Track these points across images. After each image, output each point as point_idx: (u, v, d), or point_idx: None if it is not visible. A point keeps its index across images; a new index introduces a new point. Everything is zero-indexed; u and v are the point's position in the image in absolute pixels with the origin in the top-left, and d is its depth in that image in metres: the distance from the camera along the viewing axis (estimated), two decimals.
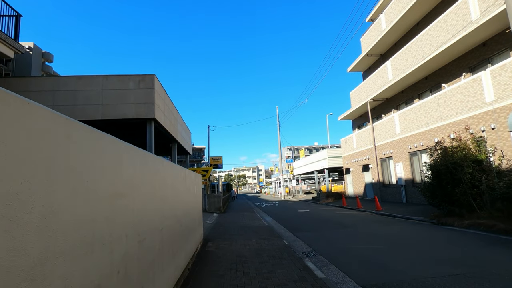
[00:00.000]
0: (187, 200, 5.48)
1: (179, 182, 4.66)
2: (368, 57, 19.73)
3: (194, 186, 6.62)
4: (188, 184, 5.60)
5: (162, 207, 3.41)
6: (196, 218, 6.61)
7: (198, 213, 7.00)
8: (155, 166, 3.24)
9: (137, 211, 2.53)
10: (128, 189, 2.34)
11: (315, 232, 9.18)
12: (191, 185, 6.02)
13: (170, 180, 3.96)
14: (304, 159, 34.70)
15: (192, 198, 6.16)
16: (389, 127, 16.57)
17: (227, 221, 13.05)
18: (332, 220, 11.88)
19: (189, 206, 5.72)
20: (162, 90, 13.16)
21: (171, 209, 3.92)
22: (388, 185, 17.33)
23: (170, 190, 3.90)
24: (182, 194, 4.91)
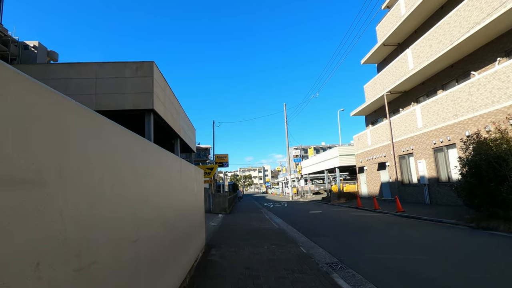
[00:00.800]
0: (184, 200, 4.34)
1: (170, 175, 3.52)
2: (384, 47, 18.37)
3: (194, 183, 5.48)
4: (184, 179, 4.46)
5: (137, 209, 2.26)
6: (196, 222, 5.46)
7: (198, 216, 5.86)
8: (126, 146, 2.12)
9: (71, 217, 1.38)
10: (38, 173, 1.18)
11: (334, 237, 7.96)
12: (189, 181, 4.88)
13: (156, 171, 2.82)
14: (313, 158, 33.39)
15: (191, 197, 5.02)
16: (409, 121, 15.22)
17: (233, 223, 11.90)
18: (349, 223, 10.63)
19: (187, 207, 4.58)
20: (162, 79, 12.08)
21: (156, 212, 2.77)
22: (407, 184, 15.96)
23: (154, 186, 2.75)
24: (175, 192, 3.77)
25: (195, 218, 5.40)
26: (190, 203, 4.91)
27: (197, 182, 5.82)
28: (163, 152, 3.21)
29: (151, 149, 2.68)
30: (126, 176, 2.08)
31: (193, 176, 5.42)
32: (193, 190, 5.37)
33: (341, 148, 23.95)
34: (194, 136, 22.19)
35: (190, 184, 5.00)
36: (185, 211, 4.41)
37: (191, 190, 5.06)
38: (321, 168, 28.66)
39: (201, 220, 6.30)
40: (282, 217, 14.23)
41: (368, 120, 22.37)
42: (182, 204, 4.19)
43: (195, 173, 5.64)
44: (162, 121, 12.23)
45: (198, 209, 5.84)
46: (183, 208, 4.25)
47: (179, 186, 4.09)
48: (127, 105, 10.56)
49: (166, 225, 3.19)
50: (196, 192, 5.65)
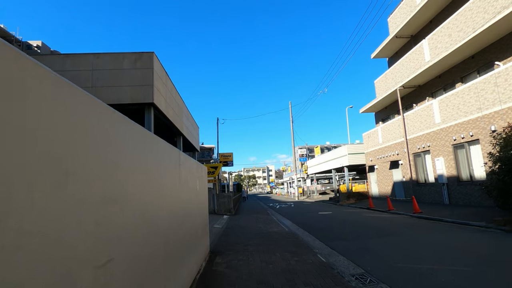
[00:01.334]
0: (183, 199, 3.57)
1: (165, 168, 2.76)
2: (397, 39, 17.46)
3: (196, 180, 4.72)
4: (184, 175, 3.70)
5: (105, 215, 1.50)
6: (199, 226, 4.70)
7: (201, 219, 5.09)
8: (109, 129, 1.37)
9: None
10: None
11: (352, 242, 7.15)
12: (190, 178, 4.12)
13: (141, 159, 2.06)
14: (319, 157, 32.49)
15: (192, 196, 4.26)
16: (425, 117, 14.32)
17: (239, 225, 11.13)
18: (365, 225, 9.79)
19: (187, 209, 3.82)
20: (163, 72, 11.36)
21: (140, 216, 2.01)
22: (423, 183, 15.05)
23: (138, 180, 1.99)
24: (172, 189, 3.00)
25: (197, 221, 4.63)
26: (191, 204, 4.15)
27: (200, 179, 5.06)
28: (152, 137, 2.44)
29: (130, 129, 1.90)
30: (81, 158, 1.30)
31: (195, 172, 4.66)
32: (195, 188, 4.60)
33: (350, 147, 23.05)
34: (198, 134, 21.49)
35: (191, 181, 4.24)
36: (185, 213, 3.65)
37: (192, 188, 4.30)
38: (328, 167, 27.77)
39: (205, 223, 5.53)
40: (290, 218, 13.43)
41: (378, 117, 21.46)
42: (181, 204, 3.43)
43: (197, 169, 4.88)
44: (163, 116, 11.52)
45: (201, 210, 5.08)
46: (182, 209, 3.50)
47: (178, 183, 3.33)
48: (125, 98, 9.87)
49: (159, 234, 2.43)
50: (198, 190, 4.89)
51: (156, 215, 2.37)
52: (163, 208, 2.61)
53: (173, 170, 3.14)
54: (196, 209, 4.57)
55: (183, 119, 15.42)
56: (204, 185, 5.66)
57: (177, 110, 13.88)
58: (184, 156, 3.75)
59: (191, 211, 4.09)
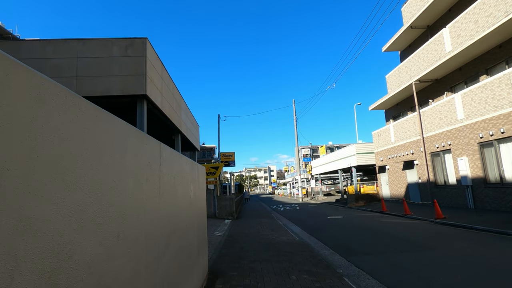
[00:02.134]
0: (168, 213, 2.41)
1: (132, 172, 1.60)
2: (411, 30, 16.25)
3: (190, 186, 3.55)
4: (168, 180, 2.54)
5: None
6: (193, 246, 3.53)
7: (197, 235, 3.91)
8: None
9: None
10: None
11: (380, 257, 5.97)
12: (180, 183, 2.96)
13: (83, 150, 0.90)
14: (324, 157, 31.26)
15: (183, 207, 3.09)
16: (445, 113, 13.10)
17: (242, 232, 9.96)
18: (387, 233, 8.59)
19: (174, 226, 2.65)
20: (158, 61, 10.20)
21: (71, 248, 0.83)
22: (442, 185, 13.83)
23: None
24: (144, 204, 1.84)
25: (190, 239, 3.46)
26: (181, 218, 2.98)
27: (195, 183, 3.88)
28: (104, 114, 1.28)
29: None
30: None
31: (188, 175, 3.48)
32: (188, 196, 3.44)
33: (358, 146, 21.83)
34: (198, 133, 20.31)
35: (182, 187, 3.07)
36: (171, 230, 2.49)
37: (183, 197, 3.13)
38: (335, 167, 26.54)
39: (202, 239, 4.35)
40: (298, 223, 12.24)
41: (389, 114, 20.25)
42: (163, 222, 2.27)
43: (191, 171, 3.70)
44: (159, 111, 10.36)
45: (196, 223, 3.91)
46: (165, 228, 2.33)
47: (157, 193, 2.16)
48: (115, 90, 8.73)
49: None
50: (193, 198, 3.72)
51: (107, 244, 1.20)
52: (125, 226, 1.44)
53: (146, 173, 1.97)
54: (189, 223, 3.40)
55: (182, 115, 14.26)
56: (201, 189, 4.48)
57: (175, 105, 12.72)
58: (168, 153, 2.58)
59: (180, 227, 2.92)
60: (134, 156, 1.78)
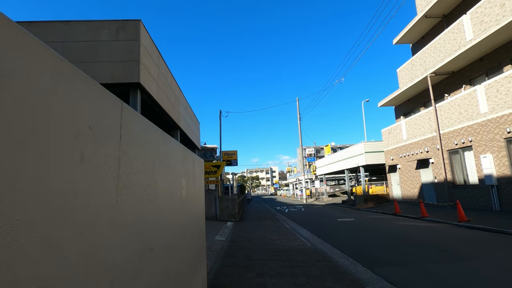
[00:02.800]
0: (149, 220, 1.45)
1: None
2: (426, 20, 15.25)
3: (181, 180, 2.60)
4: (147, 165, 1.59)
5: None
6: (184, 264, 2.56)
7: (192, 247, 2.94)
8: None
9: None
10: None
11: (412, 268, 5.00)
12: (166, 174, 2.01)
13: None
14: (330, 156, 30.24)
15: (173, 207, 2.13)
16: (465, 107, 12.09)
17: (246, 237, 8.99)
18: (410, 239, 7.60)
19: (161, 235, 1.71)
20: (153, 48, 9.28)
21: None
22: (462, 185, 12.81)
23: None
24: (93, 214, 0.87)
25: (181, 254, 2.50)
26: (169, 225, 2.04)
27: (187, 177, 2.92)
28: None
29: None
30: None
31: (178, 163, 2.53)
32: (178, 196, 2.48)
33: (367, 144, 20.81)
34: (199, 130, 19.37)
35: (167, 179, 2.12)
36: (149, 245, 1.55)
37: (169, 194, 2.18)
38: (341, 167, 25.51)
39: (198, 252, 3.38)
40: (307, 226, 11.26)
41: (399, 111, 19.23)
42: (129, 233, 1.32)
43: (183, 159, 2.75)
44: (154, 103, 9.42)
45: (190, 231, 2.95)
46: (140, 242, 1.39)
47: (112, 180, 1.22)
48: (104, 77, 7.80)
49: None
50: (185, 197, 2.76)
51: None
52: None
53: (81, 145, 1.02)
54: (179, 233, 2.44)
55: (181, 110, 13.34)
56: (197, 187, 3.53)
57: (173, 98, 11.80)
58: (138, 122, 1.62)
59: (164, 240, 1.97)
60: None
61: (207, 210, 15.18)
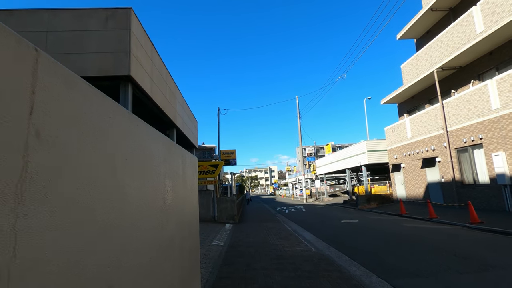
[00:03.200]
0: (114, 233, 0.84)
1: None
2: (431, 13, 14.69)
3: (164, 181, 2.00)
4: (101, 161, 0.98)
5: None
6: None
7: (181, 266, 2.34)
8: None
9: None
10: None
11: (432, 279, 4.43)
12: (135, 171, 1.41)
13: None
14: (330, 155, 29.68)
15: (150, 220, 1.52)
16: (475, 102, 11.55)
17: (246, 241, 8.39)
18: (422, 243, 7.02)
19: (129, 258, 1.09)
20: (146, 39, 8.67)
21: None
22: (471, 185, 12.27)
23: None
24: None
25: (162, 279, 1.91)
26: (143, 244, 1.45)
27: (174, 178, 2.32)
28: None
29: None
30: None
31: (159, 160, 1.93)
32: (160, 199, 1.89)
33: (369, 143, 20.26)
34: (196, 129, 18.75)
35: (143, 179, 1.53)
36: (108, 277, 0.95)
37: (150, 204, 1.59)
38: (342, 166, 24.95)
39: (188, 272, 2.78)
40: (309, 229, 10.68)
41: (403, 108, 18.68)
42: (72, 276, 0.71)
43: (166, 155, 2.15)
44: (148, 99, 8.81)
45: (178, 248, 2.37)
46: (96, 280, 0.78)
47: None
48: (92, 70, 7.21)
49: None
50: (171, 203, 2.17)
51: None
52: None
53: None
54: (158, 253, 1.84)
55: (177, 107, 12.73)
56: (190, 190, 2.94)
57: (169, 95, 11.19)
58: (93, 101, 1.02)
59: (132, 265, 1.38)
60: None
61: (205, 212, 14.58)
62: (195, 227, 3.14)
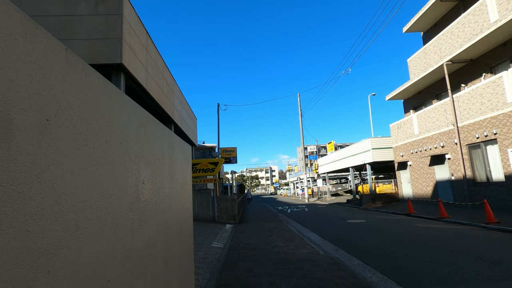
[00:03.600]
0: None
1: None
2: (441, 4, 14.07)
3: (139, 170, 1.43)
4: None
5: None
6: None
7: (164, 283, 1.76)
8: None
9: None
10: None
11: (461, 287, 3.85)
12: (101, 158, 0.83)
13: None
14: (333, 154, 29.08)
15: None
16: (488, 96, 10.96)
17: (248, 243, 7.82)
18: (440, 245, 6.43)
19: None
20: (140, 26, 8.11)
21: None
22: (484, 183, 11.68)
23: None
24: None
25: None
26: (99, 266, 0.88)
27: (155, 165, 1.74)
28: None
29: None
30: None
31: (133, 140, 1.35)
32: (131, 197, 1.31)
33: (374, 140, 19.66)
34: (196, 126, 18.18)
35: (109, 171, 0.96)
36: None
37: (111, 198, 1.01)
38: (345, 165, 24.35)
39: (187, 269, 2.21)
40: (314, 229, 10.12)
41: (409, 104, 18.08)
42: None
43: (141, 131, 1.57)
44: (143, 91, 8.26)
45: (161, 259, 1.79)
46: None
47: None
48: (81, 58, 6.59)
49: None
50: (147, 200, 1.60)
51: None
52: None
53: None
54: (134, 267, 1.27)
55: (175, 102, 12.16)
56: (180, 183, 2.37)
57: (165, 88, 10.63)
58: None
59: None
60: None
61: (204, 211, 14.00)
62: (188, 230, 2.57)
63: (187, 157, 2.73)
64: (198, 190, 14.22)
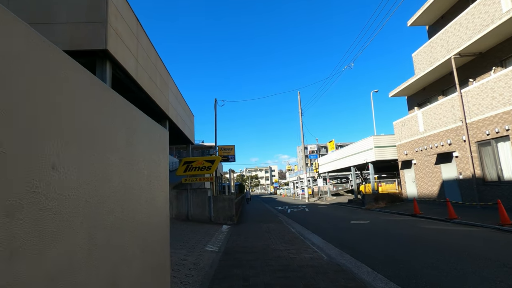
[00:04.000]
0: None
1: None
2: None
3: (45, 148, 0.82)
4: None
5: None
6: None
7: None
8: None
9: None
10: None
11: None
12: None
13: None
14: (334, 153, 28.48)
15: None
16: (500, 90, 10.37)
17: (245, 246, 7.21)
18: (455, 249, 5.84)
19: None
20: (128, 10, 7.49)
21: None
22: (495, 182, 11.09)
23: None
24: None
25: None
26: None
27: (96, 146, 1.13)
28: None
29: None
30: None
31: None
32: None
33: (376, 138, 19.07)
34: (193, 124, 17.52)
35: None
36: None
37: None
38: (347, 164, 23.76)
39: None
40: (316, 231, 9.52)
41: (413, 101, 17.49)
42: None
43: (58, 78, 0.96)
44: (132, 82, 7.63)
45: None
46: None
47: None
48: (63, 43, 6.04)
49: None
50: (56, 197, 0.98)
51: None
52: None
53: None
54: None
55: (169, 97, 11.55)
56: (147, 175, 1.77)
57: (159, 81, 10.01)
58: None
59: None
60: None
61: (200, 212, 13.40)
62: (160, 239, 1.96)
63: (160, 143, 2.13)
64: (194, 189, 13.62)
